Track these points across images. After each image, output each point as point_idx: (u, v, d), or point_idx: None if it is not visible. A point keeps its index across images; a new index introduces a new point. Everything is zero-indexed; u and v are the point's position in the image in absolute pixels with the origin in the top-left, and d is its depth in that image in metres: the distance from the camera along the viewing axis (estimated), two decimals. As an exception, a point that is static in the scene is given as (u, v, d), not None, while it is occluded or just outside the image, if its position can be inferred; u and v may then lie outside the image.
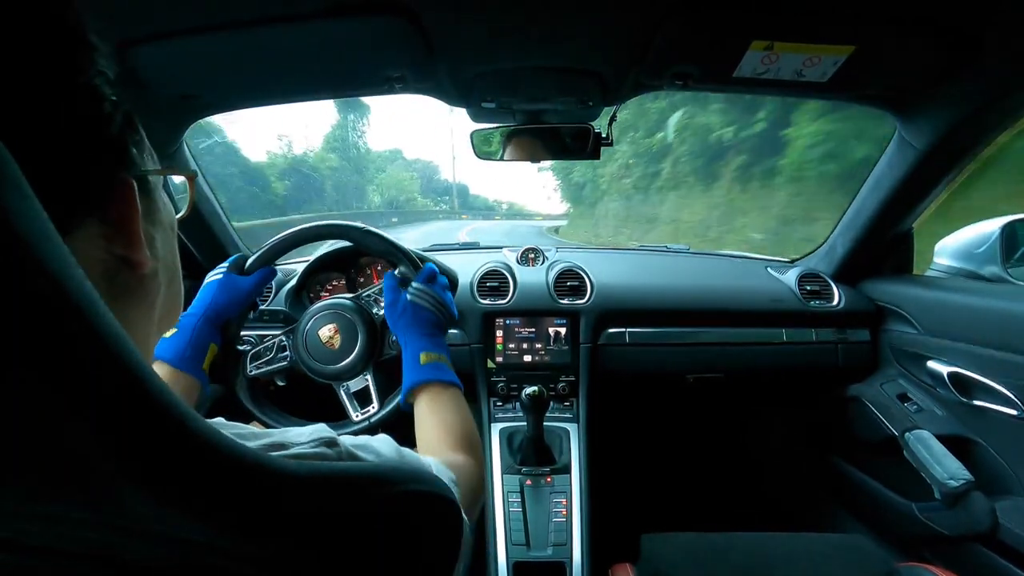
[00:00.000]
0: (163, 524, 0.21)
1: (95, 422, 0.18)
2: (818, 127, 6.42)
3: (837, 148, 6.16)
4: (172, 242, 0.34)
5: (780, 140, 7.23)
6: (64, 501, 0.19)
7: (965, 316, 0.96)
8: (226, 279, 0.73)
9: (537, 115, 0.97)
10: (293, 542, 0.24)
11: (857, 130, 5.74)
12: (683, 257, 1.50)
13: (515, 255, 1.31)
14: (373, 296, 0.85)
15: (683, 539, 0.84)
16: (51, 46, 0.23)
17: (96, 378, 0.18)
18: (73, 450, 0.18)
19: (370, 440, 0.37)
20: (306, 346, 0.80)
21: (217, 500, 0.21)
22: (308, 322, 0.81)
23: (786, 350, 1.16)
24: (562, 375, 1.11)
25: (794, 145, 6.89)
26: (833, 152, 6.23)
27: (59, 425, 0.18)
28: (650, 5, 0.64)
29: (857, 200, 1.12)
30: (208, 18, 0.66)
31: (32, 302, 0.17)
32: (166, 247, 0.33)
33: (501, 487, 0.97)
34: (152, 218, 0.31)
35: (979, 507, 0.86)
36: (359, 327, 0.80)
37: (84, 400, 0.18)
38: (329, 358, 0.80)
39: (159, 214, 0.32)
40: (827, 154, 6.30)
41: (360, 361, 0.80)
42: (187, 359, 0.65)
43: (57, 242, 0.18)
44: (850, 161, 5.85)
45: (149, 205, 0.30)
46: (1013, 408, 0.85)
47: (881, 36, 0.70)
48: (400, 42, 0.71)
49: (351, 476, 0.28)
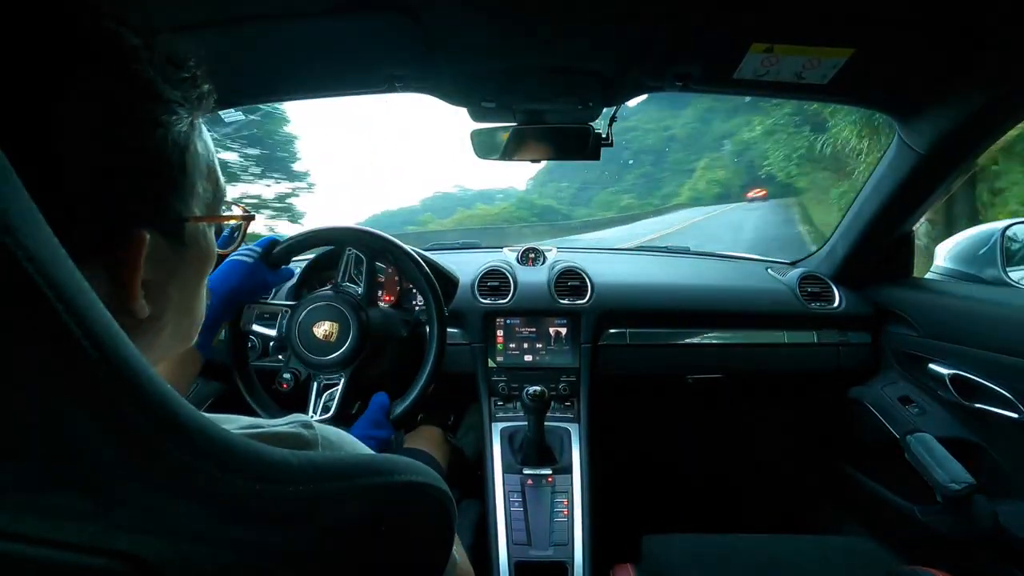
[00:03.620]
0: (156, 513, 0.21)
1: (94, 413, 0.18)
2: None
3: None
4: (195, 283, 0.33)
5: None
6: (64, 492, 0.19)
7: (966, 319, 0.95)
8: (255, 266, 0.76)
9: (537, 115, 0.98)
10: (287, 531, 0.24)
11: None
12: (684, 258, 1.50)
13: (515, 255, 1.31)
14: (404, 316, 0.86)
15: (684, 540, 0.84)
16: (93, 87, 0.22)
17: (92, 368, 0.18)
18: (73, 441, 0.18)
19: (344, 435, 0.36)
20: (298, 332, 0.81)
21: (212, 489, 0.22)
22: (305, 310, 0.81)
23: (787, 352, 1.16)
24: (563, 375, 1.11)
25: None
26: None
27: (59, 416, 0.18)
28: (650, 6, 0.65)
29: (857, 202, 1.12)
30: (209, 15, 0.66)
31: (28, 296, 0.17)
32: (183, 289, 0.31)
33: (502, 487, 0.97)
34: (173, 265, 0.29)
35: (981, 510, 0.86)
36: (352, 325, 0.80)
37: (80, 390, 0.18)
38: (318, 348, 0.80)
39: (188, 258, 0.30)
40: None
41: (346, 356, 0.80)
42: (201, 335, 0.66)
43: (50, 238, 0.18)
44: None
45: (175, 250, 0.29)
46: (1014, 411, 0.85)
47: (880, 39, 0.70)
48: (401, 41, 0.72)
49: (346, 466, 0.28)
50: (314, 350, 0.80)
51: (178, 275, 0.30)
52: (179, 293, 0.31)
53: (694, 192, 34.54)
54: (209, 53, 0.82)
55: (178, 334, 0.32)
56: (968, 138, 0.87)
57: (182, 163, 0.28)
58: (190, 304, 0.33)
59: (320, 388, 0.82)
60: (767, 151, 12.87)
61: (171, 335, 0.32)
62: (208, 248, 0.33)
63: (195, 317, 0.34)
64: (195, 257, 0.31)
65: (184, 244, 0.30)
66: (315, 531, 0.25)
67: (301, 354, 0.80)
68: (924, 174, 0.95)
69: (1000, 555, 0.85)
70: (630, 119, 45.32)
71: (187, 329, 0.34)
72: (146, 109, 0.25)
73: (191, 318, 0.34)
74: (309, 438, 0.31)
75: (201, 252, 0.32)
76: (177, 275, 0.30)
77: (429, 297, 0.83)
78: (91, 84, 0.23)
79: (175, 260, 0.29)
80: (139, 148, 0.25)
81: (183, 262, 0.30)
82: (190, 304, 0.33)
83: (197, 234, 0.31)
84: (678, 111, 42.60)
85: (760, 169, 15.71)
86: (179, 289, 0.31)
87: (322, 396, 0.81)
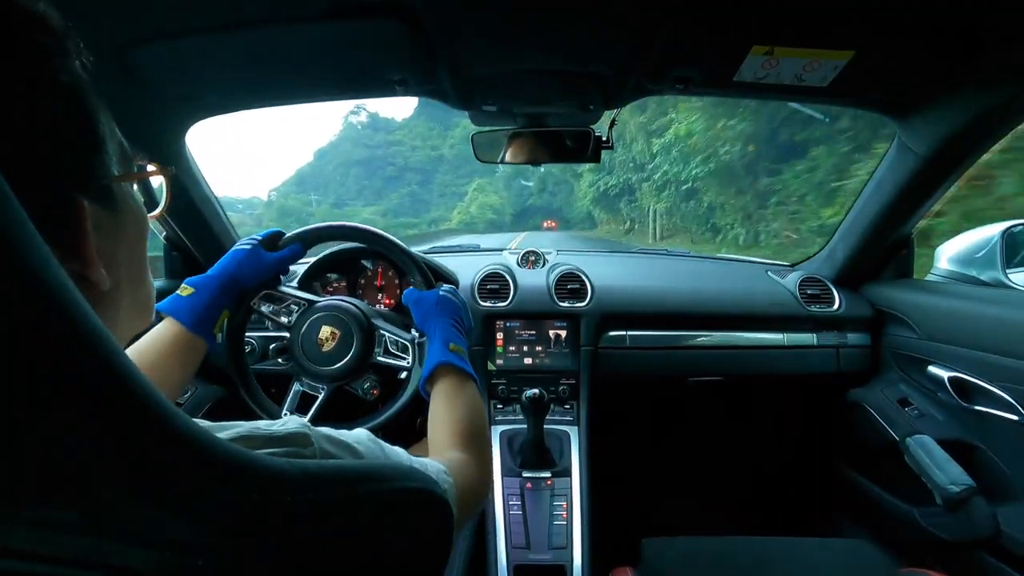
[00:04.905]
0: (150, 526, 0.20)
1: (83, 424, 0.18)
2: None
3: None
4: (139, 248, 0.33)
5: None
6: (51, 505, 0.19)
7: (965, 321, 0.95)
8: (253, 251, 0.75)
9: (538, 118, 0.98)
10: (284, 540, 0.24)
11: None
12: (683, 260, 1.51)
13: (515, 257, 1.31)
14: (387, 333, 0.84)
15: (684, 543, 0.83)
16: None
17: (83, 379, 0.18)
18: (58, 453, 0.18)
19: (346, 433, 0.36)
20: (302, 335, 0.81)
21: (206, 500, 0.21)
22: (314, 315, 0.81)
23: (786, 354, 1.16)
24: (563, 378, 1.11)
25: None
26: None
27: (44, 427, 0.17)
28: (650, 9, 0.65)
29: (858, 204, 1.12)
30: (209, 19, 0.66)
31: (12, 300, 0.16)
32: (130, 255, 0.31)
33: (501, 490, 0.97)
34: (113, 230, 0.29)
35: (980, 512, 0.86)
36: (356, 341, 0.80)
37: (69, 401, 0.18)
38: (316, 356, 0.80)
39: (124, 223, 0.30)
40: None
41: (338, 373, 0.80)
42: (199, 322, 0.66)
43: (36, 240, 0.18)
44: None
45: (111, 215, 0.29)
46: (1014, 413, 0.85)
47: (880, 41, 0.70)
48: (401, 45, 0.71)
49: (342, 474, 0.28)
50: (317, 360, 0.80)
51: (121, 240, 0.30)
52: (128, 259, 0.31)
53: (465, 216, 32.86)
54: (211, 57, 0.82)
55: (136, 303, 0.33)
56: (968, 140, 0.87)
57: (90, 122, 0.27)
58: (140, 271, 0.33)
59: (296, 393, 0.82)
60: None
61: (130, 305, 0.32)
62: (139, 209, 0.33)
63: (148, 287, 0.34)
64: (131, 220, 0.31)
65: (118, 207, 0.30)
66: (313, 540, 0.25)
67: (297, 354, 0.80)
68: (924, 176, 0.95)
69: (999, 557, 0.85)
70: (395, 132, 40.77)
71: (144, 300, 0.34)
72: (46, 69, 0.24)
73: (145, 288, 0.34)
74: (304, 444, 0.31)
75: (135, 214, 0.32)
76: (120, 240, 0.30)
77: (420, 277, 0.83)
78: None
79: (115, 225, 0.29)
80: (49, 112, 0.24)
81: (122, 226, 0.30)
82: (140, 271, 0.33)
83: (125, 195, 0.31)
84: (447, 131, 39.24)
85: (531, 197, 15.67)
86: (127, 255, 0.31)
87: (296, 401, 0.82)
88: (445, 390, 0.62)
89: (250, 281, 0.75)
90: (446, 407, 0.60)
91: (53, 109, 0.24)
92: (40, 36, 0.23)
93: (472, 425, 0.58)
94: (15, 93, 0.22)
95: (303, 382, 0.82)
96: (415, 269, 0.83)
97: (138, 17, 0.65)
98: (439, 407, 0.61)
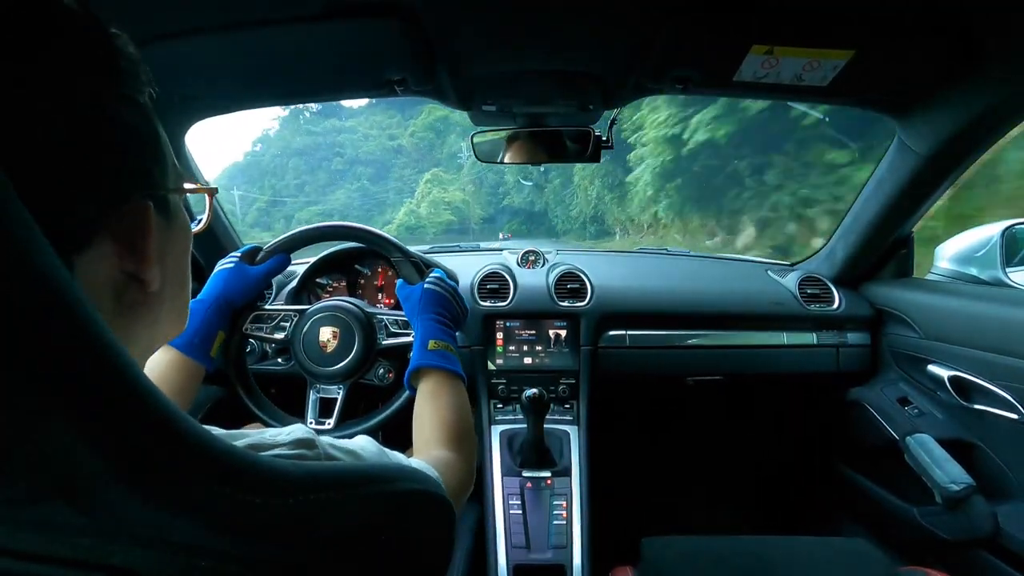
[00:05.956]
0: (154, 527, 0.20)
1: (84, 424, 0.18)
2: None
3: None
4: (184, 257, 0.35)
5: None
6: (55, 506, 0.19)
7: (965, 320, 0.96)
8: (236, 268, 0.75)
9: (538, 118, 0.98)
10: (286, 542, 0.24)
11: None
12: (683, 260, 1.50)
13: (515, 257, 1.31)
14: (385, 320, 0.84)
15: (684, 542, 0.84)
16: (70, 63, 0.23)
17: (84, 379, 0.18)
18: (63, 454, 0.18)
19: (349, 441, 0.37)
20: (303, 343, 0.80)
21: (210, 502, 0.21)
22: (309, 320, 0.81)
23: (786, 353, 1.16)
24: (562, 377, 1.11)
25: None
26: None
27: (48, 428, 0.18)
28: (650, 9, 0.65)
29: (857, 204, 1.12)
30: (209, 19, 0.66)
31: (18, 303, 0.17)
32: (176, 262, 0.33)
33: (501, 489, 0.97)
34: (167, 235, 0.31)
35: (980, 511, 0.86)
36: (357, 334, 0.80)
37: (72, 402, 0.18)
38: (321, 359, 0.80)
39: (175, 231, 0.33)
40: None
41: (348, 369, 0.79)
42: (195, 345, 0.66)
43: (40, 241, 0.18)
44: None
45: (166, 223, 0.31)
46: (1013, 412, 0.85)
47: (880, 41, 0.70)
48: (401, 45, 0.71)
49: (344, 475, 0.28)
50: (319, 361, 0.80)
51: (171, 248, 0.32)
52: (174, 265, 0.33)
53: (409, 219, 25.44)
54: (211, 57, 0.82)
55: (175, 308, 0.34)
56: (968, 139, 0.87)
57: (156, 137, 0.30)
58: (182, 279, 0.35)
59: (316, 400, 0.81)
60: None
61: (169, 310, 0.33)
62: (187, 222, 0.35)
63: (187, 293, 0.36)
64: (180, 230, 0.33)
65: (171, 216, 0.32)
66: (315, 542, 0.25)
67: (303, 362, 0.80)
68: (924, 175, 0.95)
69: (999, 556, 0.85)
70: (347, 120, 33.64)
71: (181, 306, 0.35)
72: (125, 86, 0.27)
73: (184, 295, 0.36)
74: (312, 458, 0.31)
75: (184, 225, 0.34)
76: (170, 248, 0.32)
77: (409, 266, 0.81)
78: (68, 65, 0.24)
79: (167, 233, 0.31)
80: (123, 123, 0.27)
81: (173, 235, 0.32)
82: (182, 279, 0.35)
83: (178, 207, 0.33)
84: (408, 120, 31.76)
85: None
86: (174, 262, 0.33)
87: (317, 406, 0.81)
88: (426, 391, 0.63)
89: (240, 298, 0.75)
90: (428, 408, 0.60)
91: (130, 119, 0.27)
92: (123, 62, 0.27)
93: (455, 424, 0.59)
94: (104, 99, 0.25)
95: (318, 388, 0.81)
96: (400, 258, 0.82)
97: (137, 17, 0.65)
98: (421, 408, 0.61)
